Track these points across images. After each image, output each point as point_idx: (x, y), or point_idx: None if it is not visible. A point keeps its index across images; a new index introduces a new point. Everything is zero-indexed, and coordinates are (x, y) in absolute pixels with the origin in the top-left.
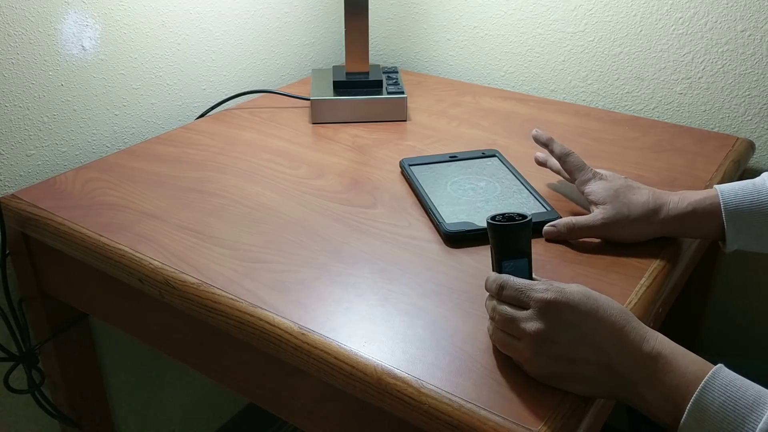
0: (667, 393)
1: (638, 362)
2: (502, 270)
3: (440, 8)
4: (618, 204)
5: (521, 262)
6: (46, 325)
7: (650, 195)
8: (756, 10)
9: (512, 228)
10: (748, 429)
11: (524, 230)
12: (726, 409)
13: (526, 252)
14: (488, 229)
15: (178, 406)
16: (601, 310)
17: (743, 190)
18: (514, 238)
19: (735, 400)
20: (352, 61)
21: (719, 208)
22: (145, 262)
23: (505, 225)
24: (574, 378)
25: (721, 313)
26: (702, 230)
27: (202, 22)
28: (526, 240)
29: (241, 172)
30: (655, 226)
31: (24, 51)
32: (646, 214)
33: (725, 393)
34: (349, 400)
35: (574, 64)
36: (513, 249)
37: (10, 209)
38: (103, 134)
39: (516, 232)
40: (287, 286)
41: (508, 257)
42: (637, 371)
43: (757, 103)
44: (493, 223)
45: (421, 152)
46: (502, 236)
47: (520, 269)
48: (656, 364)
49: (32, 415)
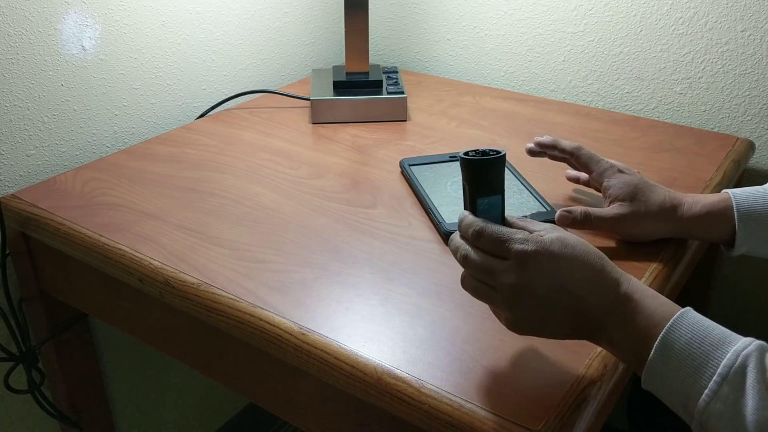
0: (635, 333)
1: (612, 305)
2: (477, 207)
3: (440, 8)
4: (636, 202)
5: (495, 199)
6: (46, 325)
7: (666, 195)
8: (756, 10)
9: (487, 162)
10: (712, 365)
11: (499, 165)
12: (692, 346)
13: (501, 189)
14: (461, 166)
15: (178, 406)
16: (579, 257)
17: (754, 193)
18: (489, 173)
19: (701, 338)
20: (352, 61)
21: (732, 211)
22: (145, 262)
23: (480, 159)
24: (547, 324)
25: (721, 313)
26: (712, 233)
27: (202, 22)
28: (501, 176)
29: (241, 172)
30: (668, 225)
31: (24, 51)
32: (661, 214)
33: (691, 332)
34: (349, 400)
35: (574, 64)
36: (487, 185)
37: (10, 209)
38: (103, 134)
39: (491, 166)
40: (287, 286)
41: (482, 194)
42: (609, 314)
43: (757, 103)
44: (467, 159)
45: (421, 152)
46: (477, 171)
47: (494, 207)
48: (627, 305)
49: (32, 415)
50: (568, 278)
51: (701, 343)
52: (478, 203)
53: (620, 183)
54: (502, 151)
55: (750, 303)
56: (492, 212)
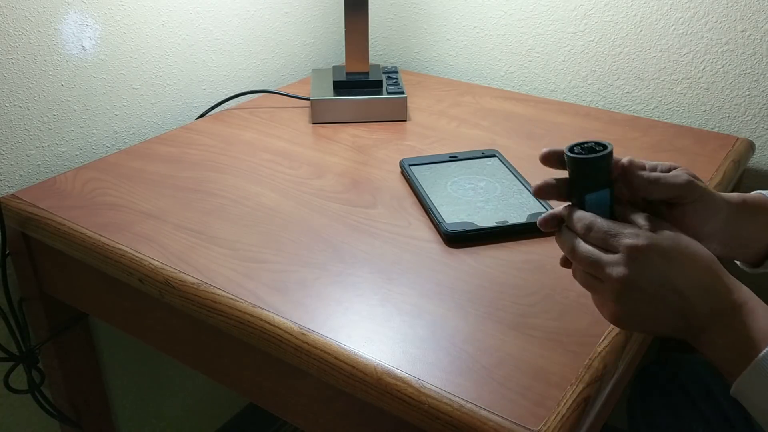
0: (737, 343)
1: (721, 312)
2: (585, 203)
3: (440, 8)
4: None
5: (603, 193)
6: (46, 325)
7: None
8: (756, 10)
9: (595, 160)
10: None
11: (606, 161)
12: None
13: (609, 183)
14: (568, 163)
15: (178, 406)
16: (692, 257)
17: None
18: (597, 170)
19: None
20: (352, 61)
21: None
22: (145, 262)
23: (588, 158)
24: (650, 320)
25: None
26: (759, 230)
27: (202, 22)
28: (608, 171)
29: (241, 172)
30: (723, 212)
31: (24, 51)
32: (714, 195)
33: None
34: (349, 400)
35: (574, 64)
36: (594, 181)
37: (10, 209)
38: (103, 134)
39: (599, 163)
40: (287, 286)
41: (590, 190)
42: (715, 320)
43: (757, 103)
44: (574, 157)
45: (421, 152)
46: (585, 169)
47: (602, 201)
48: (736, 314)
49: (32, 415)
50: (679, 277)
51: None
52: (586, 199)
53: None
54: (609, 145)
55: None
56: (601, 207)
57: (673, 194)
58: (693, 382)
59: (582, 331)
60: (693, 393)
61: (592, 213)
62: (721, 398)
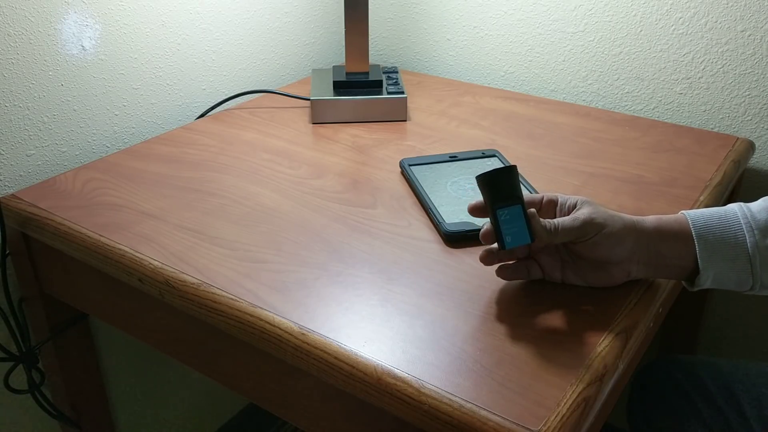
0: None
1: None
2: (498, 217)
3: (440, 8)
4: (595, 205)
5: (514, 209)
6: (46, 325)
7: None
8: (756, 10)
9: (493, 174)
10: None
11: (504, 175)
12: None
13: (516, 198)
14: (478, 185)
15: (178, 406)
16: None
17: (710, 213)
18: (497, 184)
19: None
20: (352, 61)
21: (687, 225)
22: (145, 262)
23: (485, 174)
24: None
25: (721, 313)
26: (673, 250)
27: (202, 22)
28: (511, 186)
29: (241, 172)
30: (631, 235)
31: (24, 51)
32: (621, 219)
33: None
34: (349, 400)
35: (574, 64)
36: (499, 196)
37: (10, 209)
38: (103, 134)
39: (497, 177)
40: (287, 286)
41: (500, 204)
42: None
43: (757, 103)
44: (477, 176)
45: (421, 152)
46: (487, 184)
47: (514, 216)
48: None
49: (32, 415)
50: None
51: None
52: (498, 213)
53: (575, 197)
54: (512, 167)
55: (750, 303)
56: (514, 222)
57: (573, 237)
58: (692, 382)
59: (582, 331)
60: (692, 393)
61: (507, 227)
62: (719, 399)
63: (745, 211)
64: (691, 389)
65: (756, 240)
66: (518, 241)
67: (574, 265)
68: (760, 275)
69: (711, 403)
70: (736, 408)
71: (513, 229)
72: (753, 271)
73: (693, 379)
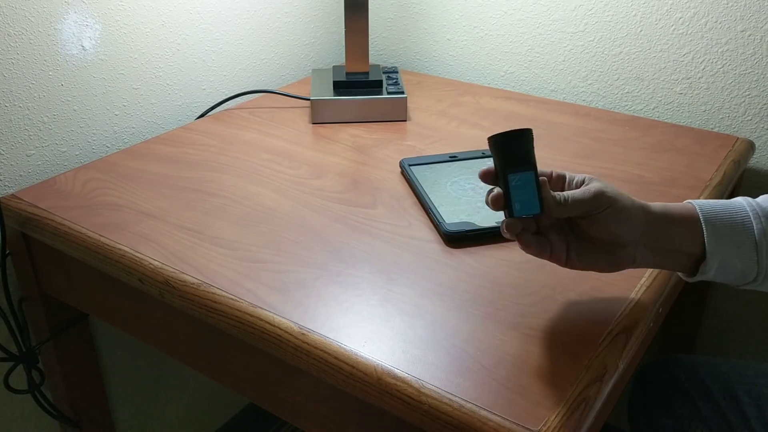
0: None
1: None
2: (508, 183)
3: (440, 8)
4: (604, 183)
5: (526, 175)
6: (46, 325)
7: None
8: (756, 10)
9: (508, 137)
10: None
11: (519, 139)
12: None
13: (529, 164)
14: (489, 147)
15: (178, 406)
16: None
17: (716, 201)
18: (511, 148)
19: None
20: (352, 61)
21: (695, 212)
22: (145, 262)
23: (499, 135)
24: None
25: (721, 313)
26: (679, 236)
27: (202, 22)
28: (525, 151)
29: (241, 172)
30: (640, 217)
31: (24, 51)
32: (631, 200)
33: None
34: (349, 400)
35: (574, 64)
36: (512, 161)
37: (10, 209)
38: (103, 134)
39: (511, 140)
40: (287, 286)
41: (511, 169)
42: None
43: (757, 103)
44: (490, 137)
45: (421, 152)
46: (499, 147)
47: (526, 183)
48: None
49: (32, 415)
50: None
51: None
52: (509, 178)
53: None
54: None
55: (750, 303)
56: (525, 189)
57: (583, 210)
58: (693, 382)
59: (582, 331)
60: (693, 393)
61: (517, 194)
62: (720, 399)
63: (751, 201)
64: (691, 389)
65: (763, 227)
66: (527, 210)
67: (579, 247)
68: (765, 264)
69: (712, 403)
70: (737, 408)
71: (522, 197)
72: (759, 259)
73: (693, 379)
